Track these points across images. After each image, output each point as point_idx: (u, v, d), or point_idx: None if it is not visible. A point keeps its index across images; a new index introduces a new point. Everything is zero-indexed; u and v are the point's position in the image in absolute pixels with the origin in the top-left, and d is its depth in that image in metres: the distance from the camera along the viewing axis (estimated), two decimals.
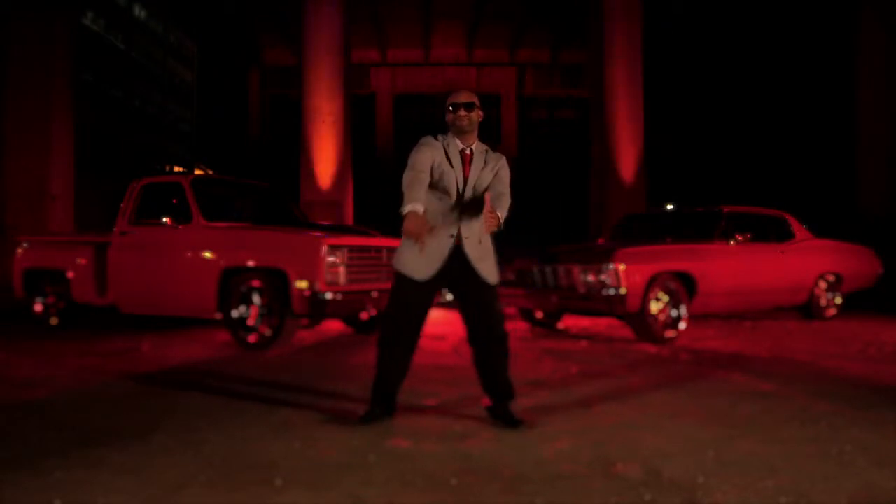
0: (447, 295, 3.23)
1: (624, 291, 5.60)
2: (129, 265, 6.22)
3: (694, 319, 7.01)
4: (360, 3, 19.09)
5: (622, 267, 5.62)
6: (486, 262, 3.04)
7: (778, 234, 7.41)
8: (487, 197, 2.85)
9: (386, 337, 3.09)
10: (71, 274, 6.64)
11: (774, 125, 21.12)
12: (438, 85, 25.08)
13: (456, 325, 3.20)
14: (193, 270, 5.71)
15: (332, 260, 5.20)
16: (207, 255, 5.65)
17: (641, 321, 5.83)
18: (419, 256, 2.96)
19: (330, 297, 5.13)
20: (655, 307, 5.87)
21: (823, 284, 7.78)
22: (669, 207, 8.74)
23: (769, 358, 5.11)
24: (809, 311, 7.73)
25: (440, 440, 2.80)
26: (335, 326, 7.13)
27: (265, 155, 27.29)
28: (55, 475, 2.36)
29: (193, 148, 38.35)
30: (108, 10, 31.21)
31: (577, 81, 26.49)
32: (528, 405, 3.35)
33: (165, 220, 5.79)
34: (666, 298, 5.94)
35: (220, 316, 5.56)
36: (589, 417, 3.22)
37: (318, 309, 5.15)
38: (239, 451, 2.66)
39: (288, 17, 21.50)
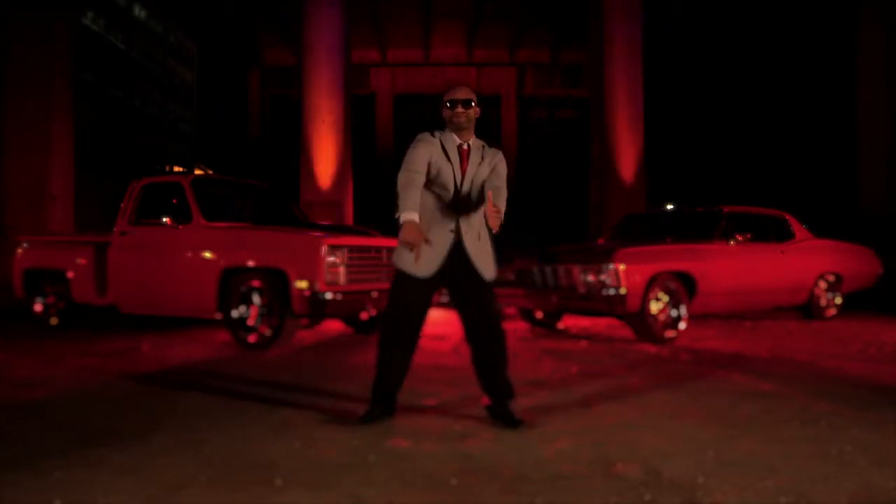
0: (446, 295, 3.23)
1: (624, 291, 5.60)
2: (129, 265, 6.22)
3: (694, 319, 7.01)
4: (360, 3, 19.09)
5: (622, 267, 5.62)
6: (484, 257, 3.04)
7: (778, 234, 7.41)
8: (489, 195, 2.85)
9: (386, 336, 3.09)
10: (71, 274, 6.63)
11: (774, 125, 21.12)
12: (438, 85, 25.07)
13: (456, 325, 3.20)
14: (193, 270, 5.71)
15: (332, 260, 5.20)
16: (207, 255, 5.65)
17: (641, 321, 5.83)
18: (421, 253, 2.96)
19: (330, 297, 5.13)
20: (655, 307, 5.87)
21: (823, 284, 7.78)
22: (669, 207, 8.74)
23: (769, 358, 5.11)
24: (809, 311, 7.72)
25: (440, 440, 2.80)
26: (335, 326, 7.13)
27: (265, 155, 27.30)
28: (55, 475, 2.36)
29: (193, 148, 38.35)
30: (108, 10, 31.20)
31: (577, 81, 26.50)
32: (528, 405, 3.35)
33: (165, 220, 5.79)
34: (666, 298, 5.94)
35: (220, 316, 5.56)
36: (589, 417, 3.21)
37: (318, 309, 5.15)
38: (239, 451, 2.65)
39: (288, 17, 21.52)
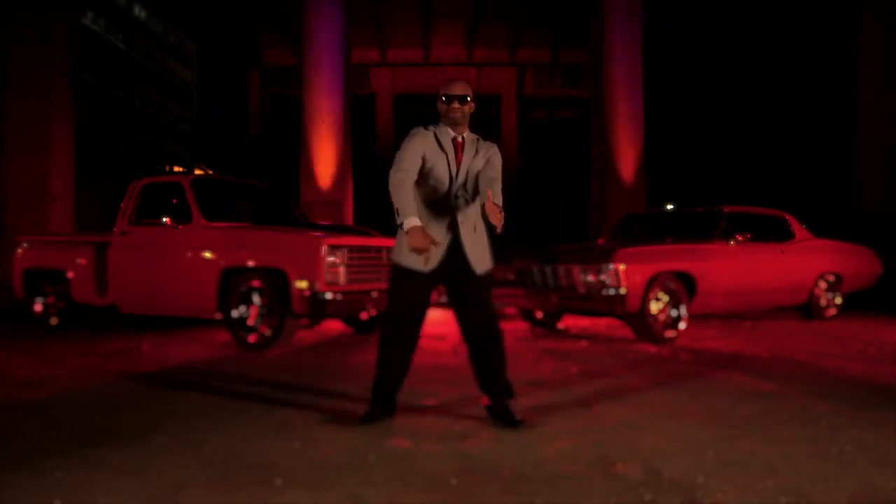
0: (445, 295, 3.23)
1: (624, 291, 5.60)
2: (129, 265, 6.22)
3: (694, 319, 7.01)
4: (360, 3, 19.10)
5: (622, 267, 5.62)
6: (478, 249, 3.03)
7: (778, 234, 7.41)
8: (489, 193, 2.85)
9: (386, 335, 3.08)
10: (71, 274, 6.64)
11: (774, 125, 21.12)
12: (438, 85, 25.01)
13: (455, 324, 3.19)
14: (193, 270, 5.71)
15: (332, 260, 5.20)
16: (207, 255, 5.65)
17: (641, 321, 5.83)
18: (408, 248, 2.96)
19: (330, 297, 5.13)
20: (655, 307, 5.87)
21: (823, 284, 7.77)
22: (669, 207, 8.74)
23: (769, 358, 5.11)
24: (809, 311, 7.72)
25: (440, 440, 2.80)
26: (335, 326, 7.13)
27: (265, 155, 27.31)
28: (55, 475, 2.36)
29: (193, 148, 38.36)
30: (108, 10, 31.21)
31: (577, 81, 26.52)
32: (528, 405, 3.35)
33: (165, 220, 5.79)
34: (666, 298, 5.94)
35: (220, 316, 5.56)
36: (589, 417, 3.21)
37: (318, 309, 5.15)
38: (239, 451, 2.65)
39: (288, 17, 21.53)
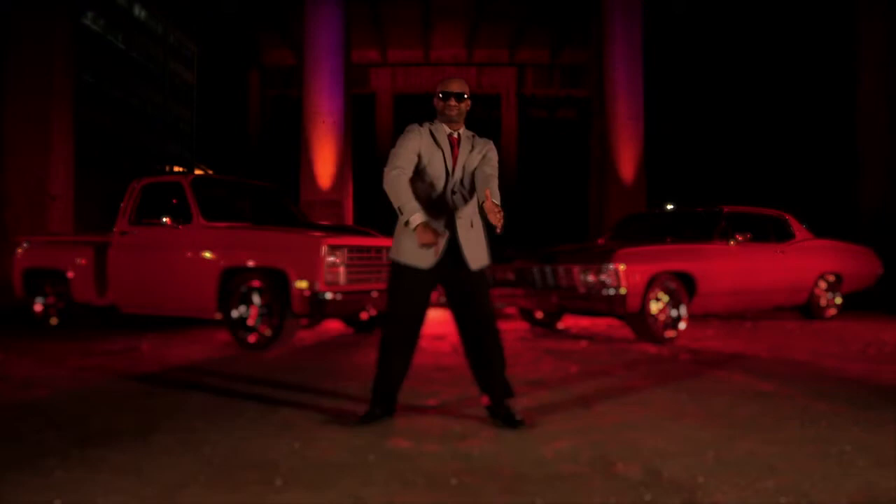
0: (444, 295, 3.22)
1: (624, 291, 5.60)
2: (129, 265, 6.22)
3: (694, 319, 7.01)
4: (360, 3, 19.11)
5: (622, 267, 5.62)
6: (474, 245, 3.03)
7: (778, 234, 7.41)
8: (488, 193, 2.85)
9: (387, 335, 3.08)
10: (71, 274, 6.64)
11: (775, 125, 21.14)
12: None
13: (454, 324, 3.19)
14: (193, 270, 5.71)
15: (332, 260, 5.20)
16: (207, 255, 5.65)
17: (641, 321, 5.83)
18: (417, 246, 2.96)
19: (330, 297, 5.13)
20: (655, 307, 5.87)
21: (823, 284, 7.78)
22: (669, 207, 8.74)
23: (769, 358, 5.11)
24: (809, 311, 7.73)
25: (440, 440, 2.80)
26: (335, 326, 7.13)
27: (265, 155, 27.31)
28: (55, 475, 2.36)
29: (193, 148, 38.35)
30: (108, 10, 31.21)
31: (577, 81, 26.52)
32: (528, 405, 3.36)
33: (165, 220, 5.79)
34: (666, 298, 5.94)
35: (220, 316, 5.56)
36: (589, 417, 3.21)
37: (318, 309, 5.15)
38: (239, 451, 2.65)
39: (288, 17, 21.52)
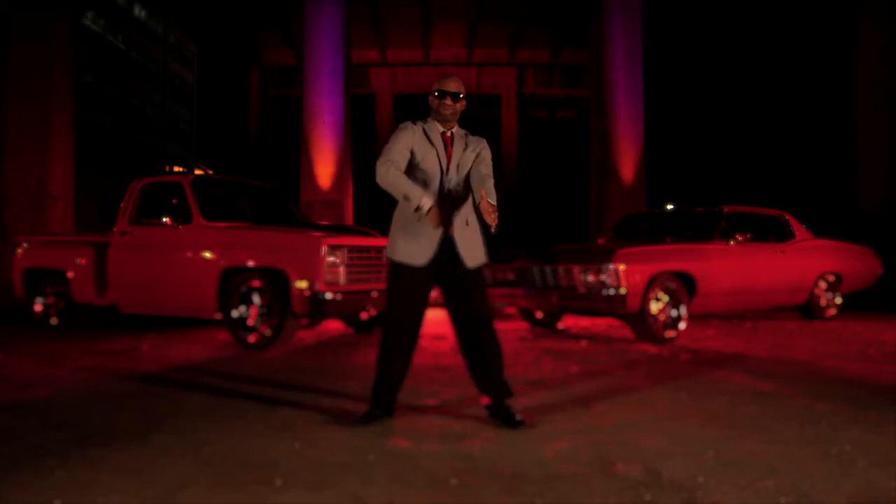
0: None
1: (624, 291, 5.60)
2: (129, 265, 6.22)
3: (694, 319, 7.01)
4: (360, 3, 19.10)
5: (622, 267, 5.62)
6: (469, 244, 3.03)
7: (778, 234, 7.42)
8: (483, 192, 2.85)
9: (387, 335, 3.08)
10: (71, 274, 6.64)
11: (775, 125, 21.13)
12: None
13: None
14: (193, 270, 5.71)
15: (332, 260, 5.20)
16: (207, 255, 5.65)
17: (641, 321, 5.83)
18: (414, 243, 2.97)
19: (330, 297, 5.13)
20: (655, 307, 5.87)
21: (823, 284, 7.78)
22: (669, 207, 8.74)
23: (769, 358, 5.11)
24: (809, 311, 7.73)
25: (440, 440, 2.80)
26: (335, 326, 7.13)
27: (265, 155, 27.30)
28: (55, 475, 2.36)
29: (193, 148, 38.35)
30: (108, 10, 31.21)
31: (577, 81, 26.50)
32: (528, 405, 3.36)
33: (165, 220, 5.79)
34: (666, 298, 5.94)
35: (220, 316, 5.56)
36: (589, 417, 3.21)
37: (318, 309, 5.15)
38: (239, 451, 2.66)
39: (288, 17, 21.51)
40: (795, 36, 19.72)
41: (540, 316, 7.20)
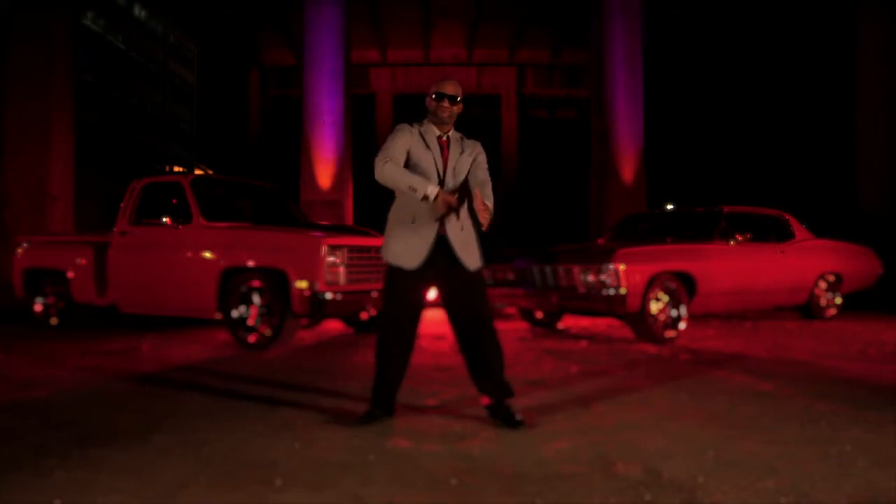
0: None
1: (624, 291, 5.60)
2: (129, 265, 6.22)
3: (694, 319, 7.01)
4: (360, 3, 19.10)
5: (622, 267, 5.62)
6: (467, 247, 3.04)
7: (778, 234, 7.42)
8: (478, 192, 2.85)
9: (383, 336, 3.08)
10: (71, 274, 6.64)
11: (775, 125, 21.13)
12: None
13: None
14: (193, 270, 5.71)
15: (332, 260, 5.20)
16: (207, 255, 5.65)
17: (641, 321, 5.83)
18: (406, 246, 2.97)
19: (330, 297, 5.13)
20: (655, 307, 5.87)
21: (823, 284, 7.78)
22: (669, 207, 8.74)
23: (769, 358, 5.11)
24: (809, 311, 7.73)
25: (440, 440, 2.80)
26: (335, 326, 7.13)
27: (265, 155, 27.29)
28: (55, 475, 2.36)
29: (193, 148, 38.35)
30: (108, 10, 31.21)
31: (577, 81, 26.48)
32: (528, 405, 3.36)
33: (165, 220, 5.79)
34: (666, 298, 5.94)
35: (220, 316, 5.56)
36: (589, 417, 3.21)
37: (318, 309, 5.15)
38: (239, 451, 2.66)
39: (288, 17, 21.51)
40: (795, 36, 19.72)
41: (540, 316, 7.20)
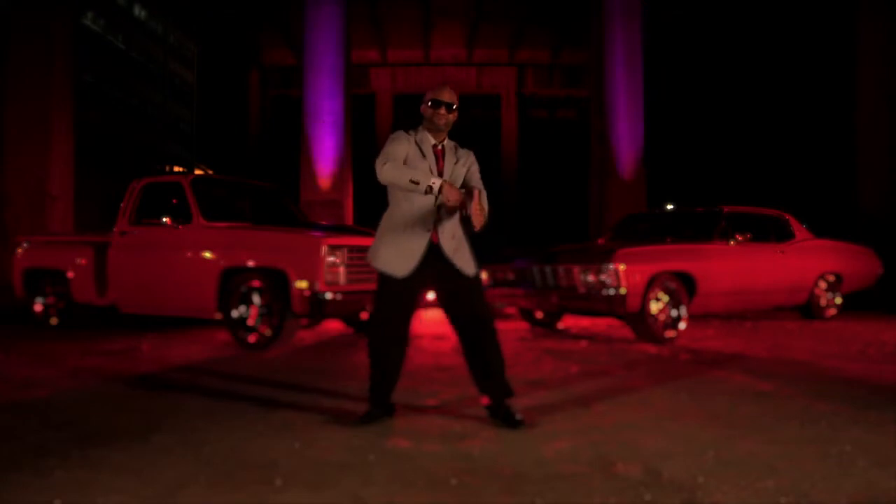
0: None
1: (624, 291, 5.60)
2: (129, 265, 6.22)
3: (694, 319, 7.01)
4: (360, 3, 19.10)
5: (622, 267, 5.62)
6: (461, 253, 3.04)
7: (778, 234, 7.42)
8: (476, 193, 2.85)
9: (373, 340, 3.09)
10: (71, 274, 6.64)
11: (775, 124, 21.13)
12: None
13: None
14: (193, 270, 5.71)
15: (332, 260, 5.20)
16: (207, 255, 5.65)
17: (641, 321, 5.83)
18: (396, 253, 2.97)
19: (330, 297, 5.13)
20: (655, 307, 5.87)
21: (823, 284, 7.78)
22: (669, 207, 8.74)
23: (769, 358, 5.11)
24: (809, 311, 7.73)
25: (440, 440, 2.80)
26: (335, 326, 7.13)
27: (265, 155, 27.29)
28: (55, 475, 2.36)
29: (193, 148, 38.35)
30: (108, 10, 31.21)
31: (577, 81, 26.48)
32: (528, 405, 3.36)
33: (165, 220, 5.79)
34: (666, 298, 5.94)
35: (220, 316, 5.56)
36: (589, 417, 3.21)
37: (318, 309, 5.15)
38: (239, 451, 2.66)
39: (288, 17, 21.51)
40: (795, 36, 19.72)
41: (540, 316, 7.20)
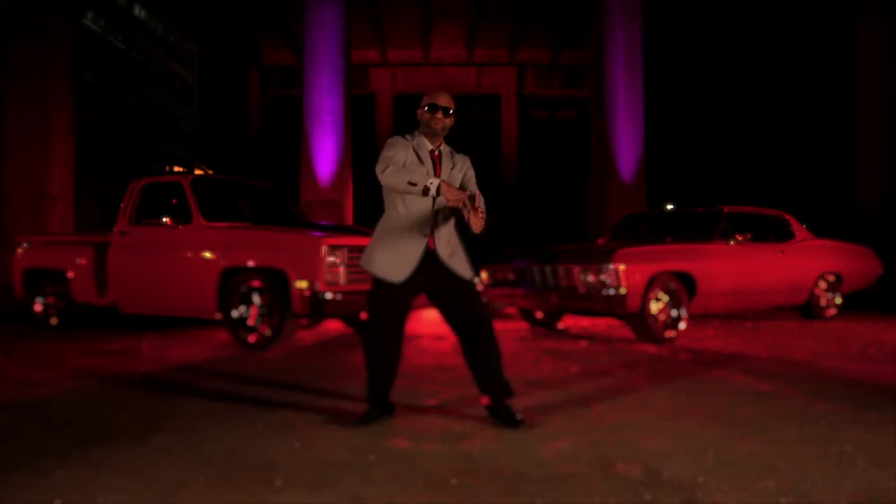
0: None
1: (624, 291, 5.60)
2: (129, 265, 6.22)
3: (694, 319, 7.01)
4: (360, 3, 19.10)
5: (622, 267, 5.62)
6: (457, 258, 3.05)
7: (778, 234, 7.42)
8: (477, 194, 2.85)
9: (369, 343, 3.10)
10: (71, 274, 6.64)
11: (775, 124, 21.14)
12: (438, 85, 25.06)
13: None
14: (193, 270, 5.71)
15: (332, 260, 5.20)
16: (207, 255, 5.65)
17: (641, 321, 5.83)
18: (393, 258, 2.97)
19: (330, 297, 5.13)
20: (655, 307, 5.87)
21: (823, 284, 7.78)
22: (669, 207, 8.74)
23: (769, 358, 5.11)
24: (809, 311, 7.73)
25: (440, 440, 2.80)
26: (335, 326, 7.13)
27: (265, 155, 27.29)
28: (55, 475, 2.36)
29: (193, 148, 38.35)
30: (108, 10, 31.21)
31: (577, 81, 26.47)
32: (528, 405, 3.36)
33: (165, 220, 5.79)
34: (666, 298, 5.94)
35: (220, 316, 5.56)
36: (589, 417, 3.21)
37: (318, 309, 5.15)
38: (239, 451, 2.66)
39: (288, 17, 21.51)
40: (795, 36, 19.72)
41: (540, 316, 7.20)
